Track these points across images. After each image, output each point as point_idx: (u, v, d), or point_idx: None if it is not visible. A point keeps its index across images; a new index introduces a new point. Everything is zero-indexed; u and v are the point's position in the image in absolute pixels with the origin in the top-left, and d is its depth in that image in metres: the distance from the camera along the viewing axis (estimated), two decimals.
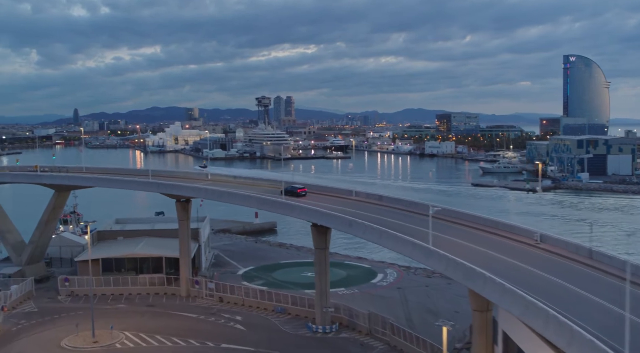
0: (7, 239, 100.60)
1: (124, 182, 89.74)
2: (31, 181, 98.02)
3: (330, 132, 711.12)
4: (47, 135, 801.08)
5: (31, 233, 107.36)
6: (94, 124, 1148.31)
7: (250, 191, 79.71)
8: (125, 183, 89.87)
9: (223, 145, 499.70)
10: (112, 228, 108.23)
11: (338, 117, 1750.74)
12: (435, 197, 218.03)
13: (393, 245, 55.37)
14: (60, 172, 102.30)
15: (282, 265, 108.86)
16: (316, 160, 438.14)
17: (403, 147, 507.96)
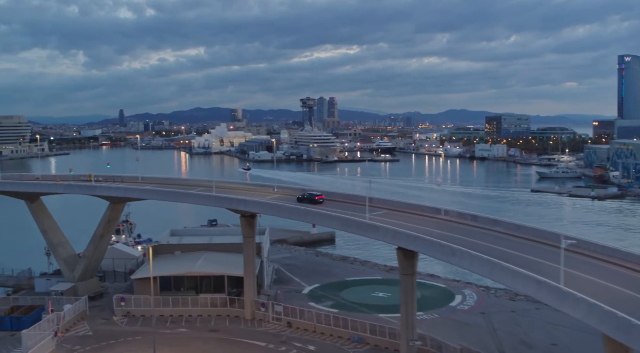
0: (59, 253, 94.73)
1: (186, 196, 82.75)
2: (85, 192, 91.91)
3: (375, 133, 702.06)
4: (93, 136, 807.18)
5: (82, 246, 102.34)
6: (139, 125, 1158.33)
7: (326, 208, 71.91)
8: (187, 196, 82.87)
9: (269, 147, 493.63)
10: (168, 241, 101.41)
11: (380, 118, 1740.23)
12: (495, 205, 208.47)
13: (511, 282, 47.07)
14: (115, 182, 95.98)
15: (350, 283, 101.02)
16: (364, 163, 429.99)
17: (452, 149, 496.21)
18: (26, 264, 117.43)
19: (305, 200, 78.37)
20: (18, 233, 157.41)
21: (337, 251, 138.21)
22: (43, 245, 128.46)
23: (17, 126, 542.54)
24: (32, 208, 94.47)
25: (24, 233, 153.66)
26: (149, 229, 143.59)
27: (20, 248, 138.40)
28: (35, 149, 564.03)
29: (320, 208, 68.86)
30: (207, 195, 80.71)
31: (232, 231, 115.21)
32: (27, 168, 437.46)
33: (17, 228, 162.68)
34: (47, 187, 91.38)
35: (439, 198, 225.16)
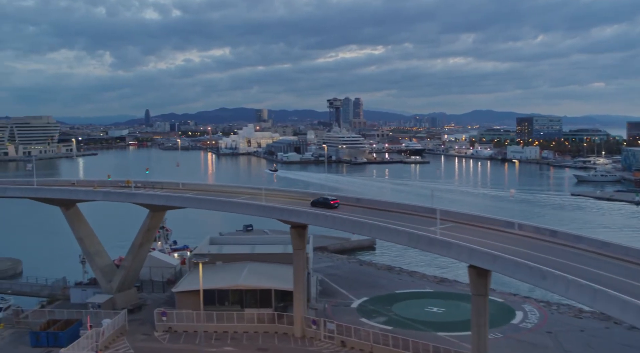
0: (96, 262, 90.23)
1: (232, 205, 77.52)
2: (125, 200, 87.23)
3: (403, 134, 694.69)
4: (120, 136, 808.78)
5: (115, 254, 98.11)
6: (165, 125, 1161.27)
7: (385, 220, 66.28)
8: (233, 206, 77.60)
9: (297, 148, 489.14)
10: (209, 251, 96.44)
11: (405, 119, 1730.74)
12: (536, 209, 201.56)
13: (619, 313, 41.17)
14: (154, 189, 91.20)
15: (400, 297, 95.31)
16: (393, 165, 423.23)
17: (483, 151, 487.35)
18: (60, 272, 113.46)
19: (320, 205, 76.21)
20: (51, 239, 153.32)
21: (377, 258, 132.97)
22: (77, 252, 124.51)
23: (46, 126, 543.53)
24: (67, 216, 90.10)
25: (57, 240, 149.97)
26: (184, 235, 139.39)
27: (53, 255, 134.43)
28: (64, 150, 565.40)
29: (386, 221, 63.18)
30: (255, 205, 75.52)
31: (272, 239, 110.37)
32: (55, 168, 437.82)
33: (50, 234, 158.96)
34: (84, 193, 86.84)
35: (477, 202, 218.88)
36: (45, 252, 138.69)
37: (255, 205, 75.66)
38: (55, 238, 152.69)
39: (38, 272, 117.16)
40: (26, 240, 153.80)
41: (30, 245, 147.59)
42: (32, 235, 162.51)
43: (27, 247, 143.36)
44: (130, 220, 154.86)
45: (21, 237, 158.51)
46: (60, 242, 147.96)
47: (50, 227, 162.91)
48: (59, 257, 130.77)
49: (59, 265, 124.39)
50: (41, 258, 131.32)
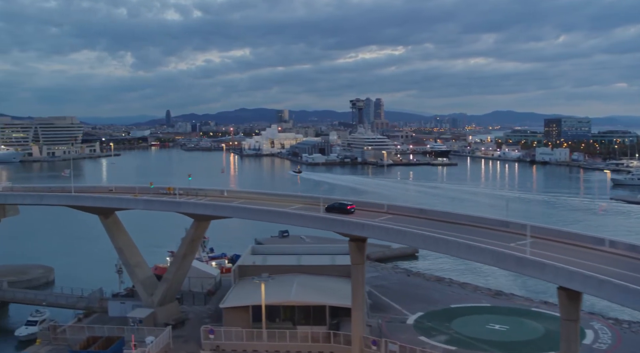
0: (136, 274, 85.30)
1: (287, 216, 71.90)
2: (168, 209, 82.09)
3: (427, 135, 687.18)
4: (142, 137, 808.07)
5: None
6: (187, 125, 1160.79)
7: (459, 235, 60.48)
8: (288, 217, 71.95)
9: (322, 149, 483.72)
10: (254, 262, 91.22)
11: (425, 119, 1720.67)
12: (577, 215, 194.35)
13: None
14: (197, 196, 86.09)
15: (457, 312, 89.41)
16: (420, 167, 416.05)
17: (510, 153, 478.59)
18: (93, 281, 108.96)
19: (335, 210, 72.67)
20: (83, 246, 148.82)
21: (421, 266, 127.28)
22: (112, 260, 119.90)
23: (70, 127, 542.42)
24: (106, 225, 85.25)
25: (89, 246, 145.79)
26: (220, 242, 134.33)
27: (86, 263, 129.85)
28: (87, 150, 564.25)
29: (466, 238, 57.33)
30: (313, 217, 69.99)
31: (317, 249, 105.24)
32: (79, 169, 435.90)
33: (81, 240, 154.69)
34: (125, 202, 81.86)
35: (518, 208, 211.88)
36: (78, 260, 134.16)
37: (312, 216, 70.19)
38: (88, 244, 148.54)
39: (70, 280, 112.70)
40: (57, 247, 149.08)
41: (61, 251, 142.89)
42: (64, 241, 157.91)
43: (59, 254, 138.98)
44: (163, 227, 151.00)
45: (52, 243, 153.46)
46: (92, 248, 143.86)
47: (82, 233, 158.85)
48: (92, 265, 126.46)
49: (92, 273, 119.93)
50: (73, 266, 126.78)
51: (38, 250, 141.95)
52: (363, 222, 66.34)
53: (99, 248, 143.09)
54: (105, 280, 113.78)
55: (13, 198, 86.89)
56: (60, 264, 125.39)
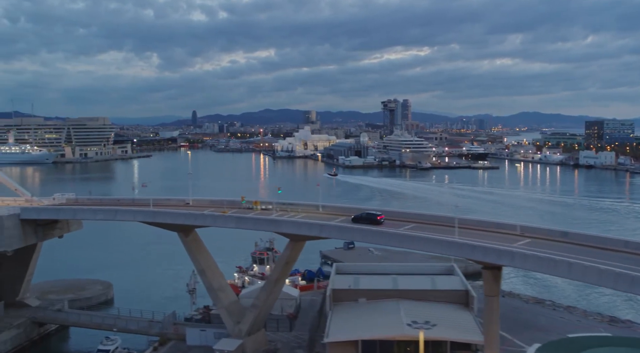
0: (220, 299, 75.79)
1: (412, 240, 61.67)
2: (265, 228, 72.39)
3: (462, 137, 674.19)
4: (172, 138, 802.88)
5: None
6: (214, 126, 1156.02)
7: None
8: (412, 241, 61.69)
9: (358, 151, 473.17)
10: (350, 286, 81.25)
11: (451, 120, 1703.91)
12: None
13: None
14: (288, 211, 76.26)
15: (578, 343, 78.37)
16: (460, 171, 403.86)
17: (552, 156, 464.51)
18: (158, 300, 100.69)
19: (363, 220, 68.72)
20: (143, 259, 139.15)
21: (508, 287, 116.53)
22: (177, 276, 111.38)
23: (102, 128, 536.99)
24: (186, 243, 75.81)
25: (149, 259, 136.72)
26: None
27: (147, 278, 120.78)
28: (119, 151, 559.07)
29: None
30: (438, 240, 59.73)
31: (408, 268, 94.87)
32: (111, 171, 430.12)
33: (140, 252, 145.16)
34: (211, 219, 72.17)
35: (581, 216, 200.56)
36: (136, 274, 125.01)
37: (438, 240, 60.01)
38: (145, 257, 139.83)
39: (130, 298, 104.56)
40: (113, 258, 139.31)
41: (117, 264, 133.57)
42: (120, 252, 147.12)
43: (115, 267, 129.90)
44: (228, 240, 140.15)
45: (107, 255, 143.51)
46: (150, 261, 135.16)
47: (138, 244, 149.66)
48: (152, 280, 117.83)
49: (153, 290, 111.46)
50: (132, 281, 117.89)
51: (92, 261, 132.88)
52: (501, 248, 56.25)
53: (160, 261, 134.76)
54: (169, 298, 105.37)
55: (83, 213, 77.70)
56: (117, 278, 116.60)
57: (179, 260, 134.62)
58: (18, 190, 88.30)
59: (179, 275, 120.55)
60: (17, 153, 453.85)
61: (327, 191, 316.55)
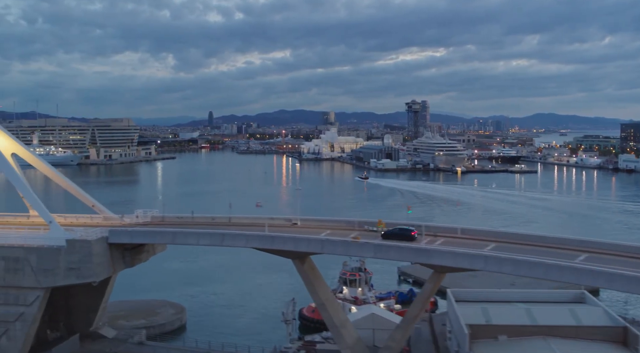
0: (343, 338, 64.66)
1: (546, 268, 50.58)
2: (415, 259, 60.79)
3: (489, 140, 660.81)
4: (192, 139, 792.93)
5: None
6: (232, 127, 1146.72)
7: None
8: (547, 269, 50.77)
9: (389, 154, 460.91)
10: (487, 320, 69.52)
11: (466, 122, 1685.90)
12: None
13: None
14: (424, 235, 64.66)
15: None
16: (497, 174, 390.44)
17: (589, 159, 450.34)
18: (236, 327, 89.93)
19: (396, 237, 62.48)
20: (218, 278, 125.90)
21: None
22: (264, 299, 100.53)
23: (126, 129, 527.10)
24: (303, 272, 64.70)
25: (232, 277, 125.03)
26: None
27: (231, 300, 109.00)
28: (143, 153, 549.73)
29: None
30: (573, 268, 48.32)
31: (538, 295, 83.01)
32: (135, 174, 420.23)
33: (209, 268, 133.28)
34: (343, 247, 60.64)
35: None
36: (209, 294, 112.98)
37: (567, 267, 48.54)
38: (217, 271, 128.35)
39: (204, 323, 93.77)
40: (181, 275, 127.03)
41: (187, 281, 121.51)
42: (188, 270, 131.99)
43: (183, 283, 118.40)
44: None
45: (173, 270, 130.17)
46: (224, 277, 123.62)
47: (203, 254, 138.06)
48: (229, 301, 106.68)
49: (228, 314, 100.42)
50: (204, 303, 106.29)
51: (154, 277, 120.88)
52: None
53: (228, 276, 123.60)
54: (252, 326, 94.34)
55: (185, 237, 66.20)
56: (186, 298, 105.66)
57: (247, 274, 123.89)
58: (95, 207, 77.45)
59: (259, 294, 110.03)
60: (42, 155, 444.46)
61: (357, 194, 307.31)
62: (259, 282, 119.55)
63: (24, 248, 64.66)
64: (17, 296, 64.54)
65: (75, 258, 63.37)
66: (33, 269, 63.93)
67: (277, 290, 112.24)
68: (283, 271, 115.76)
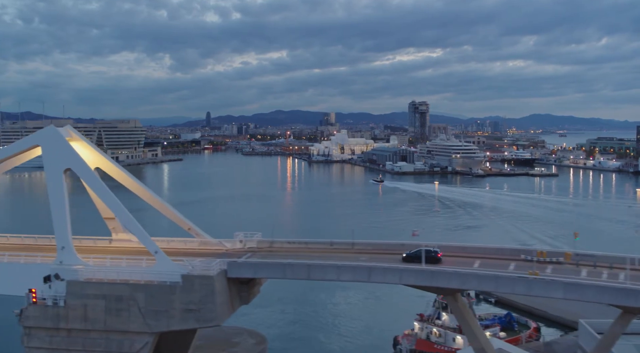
0: None
1: None
2: (612, 301, 49.79)
3: (499, 142, 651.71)
4: (195, 140, 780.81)
5: None
6: (233, 128, 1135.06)
7: None
8: None
9: (404, 156, 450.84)
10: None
11: (462, 122, 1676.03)
12: None
13: None
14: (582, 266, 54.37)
15: None
16: (517, 178, 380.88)
17: (607, 162, 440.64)
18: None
19: (419, 260, 56.76)
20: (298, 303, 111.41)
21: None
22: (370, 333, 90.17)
23: (133, 130, 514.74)
24: (456, 309, 54.41)
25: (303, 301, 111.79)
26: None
27: (315, 327, 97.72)
28: (150, 155, 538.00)
29: None
30: None
31: None
32: (142, 177, 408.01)
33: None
34: (525, 286, 50.08)
35: None
36: (289, 321, 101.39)
37: None
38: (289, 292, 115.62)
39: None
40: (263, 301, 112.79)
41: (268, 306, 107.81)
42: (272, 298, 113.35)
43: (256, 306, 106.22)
44: None
45: None
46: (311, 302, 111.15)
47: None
48: (314, 329, 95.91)
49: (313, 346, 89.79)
50: (285, 331, 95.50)
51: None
52: None
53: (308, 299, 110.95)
54: None
55: (321, 272, 54.15)
56: (265, 326, 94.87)
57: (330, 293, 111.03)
58: (192, 230, 66.70)
59: (348, 318, 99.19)
60: None
61: (374, 197, 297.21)
62: (342, 302, 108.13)
63: (129, 285, 53.91)
64: (122, 342, 53.79)
65: (195, 297, 52.65)
66: (141, 310, 53.21)
67: (369, 311, 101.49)
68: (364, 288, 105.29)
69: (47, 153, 61.87)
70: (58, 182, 60.41)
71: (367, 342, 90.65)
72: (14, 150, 65.95)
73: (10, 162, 66.95)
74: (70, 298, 54.72)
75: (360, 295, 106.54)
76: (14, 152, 65.74)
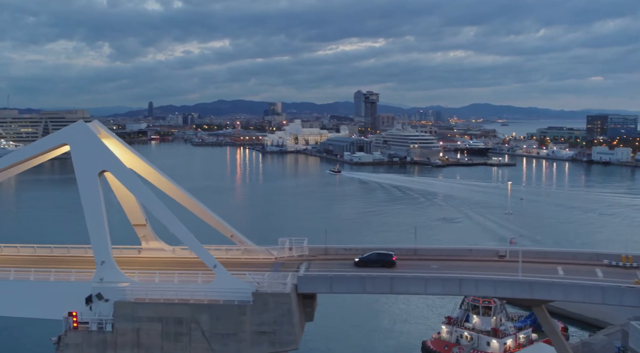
0: None
1: None
2: None
3: (449, 131, 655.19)
4: (141, 130, 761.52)
5: None
6: (178, 118, 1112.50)
7: None
8: None
9: (361, 147, 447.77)
10: None
11: (404, 112, 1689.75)
12: None
13: None
14: None
15: None
16: (475, 168, 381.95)
17: (560, 151, 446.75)
18: None
19: (372, 264, 55.07)
20: None
21: None
22: None
23: None
24: (543, 319, 49.78)
25: None
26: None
27: None
28: None
29: None
30: None
31: None
32: None
33: None
34: (619, 295, 45.92)
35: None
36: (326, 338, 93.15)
37: None
38: None
39: None
40: None
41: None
42: None
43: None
44: None
45: None
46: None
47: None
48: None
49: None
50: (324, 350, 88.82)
51: None
52: None
53: None
54: None
55: (405, 285, 47.71)
56: None
57: None
58: (234, 237, 60.10)
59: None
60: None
61: (332, 187, 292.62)
62: (366, 304, 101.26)
63: (191, 306, 47.23)
64: None
65: (269, 318, 46.39)
66: (205, 334, 46.65)
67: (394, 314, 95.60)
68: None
69: (77, 153, 54.69)
70: (93, 186, 53.28)
71: (394, 347, 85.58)
72: (38, 149, 58.61)
73: (32, 162, 59.80)
74: (119, 321, 47.74)
75: (382, 297, 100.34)
76: (37, 152, 58.55)
